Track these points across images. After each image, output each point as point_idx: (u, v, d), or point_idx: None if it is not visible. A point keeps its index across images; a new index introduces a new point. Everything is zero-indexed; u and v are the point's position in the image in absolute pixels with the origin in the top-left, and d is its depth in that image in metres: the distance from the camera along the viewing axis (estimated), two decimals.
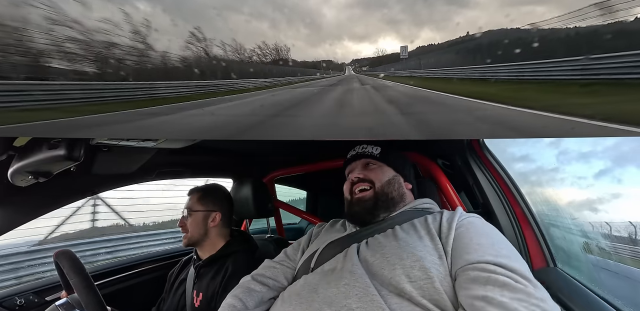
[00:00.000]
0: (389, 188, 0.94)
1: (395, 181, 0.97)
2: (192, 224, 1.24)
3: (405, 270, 0.68)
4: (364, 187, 0.95)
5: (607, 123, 0.98)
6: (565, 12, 1.43)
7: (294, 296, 0.76)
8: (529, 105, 1.42)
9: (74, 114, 1.60)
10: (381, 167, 0.99)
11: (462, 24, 1.82)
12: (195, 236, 1.24)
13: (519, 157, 1.48)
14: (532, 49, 1.57)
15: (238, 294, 0.87)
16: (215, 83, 2.32)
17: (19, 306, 1.22)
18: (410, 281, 0.66)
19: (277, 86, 2.66)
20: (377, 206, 0.91)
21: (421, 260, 0.68)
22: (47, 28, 1.51)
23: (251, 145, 1.75)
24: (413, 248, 0.73)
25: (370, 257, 0.76)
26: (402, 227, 0.84)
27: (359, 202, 0.93)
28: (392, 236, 0.80)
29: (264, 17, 1.66)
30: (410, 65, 2.36)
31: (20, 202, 1.15)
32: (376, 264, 0.73)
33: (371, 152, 1.01)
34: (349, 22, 1.78)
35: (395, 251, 0.73)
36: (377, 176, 0.95)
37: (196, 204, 1.27)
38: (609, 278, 1.07)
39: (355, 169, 1.01)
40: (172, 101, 2.10)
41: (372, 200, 0.92)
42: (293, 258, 1.00)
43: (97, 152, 1.15)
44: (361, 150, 1.03)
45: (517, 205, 1.18)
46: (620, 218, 1.37)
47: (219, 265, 1.19)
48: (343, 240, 0.89)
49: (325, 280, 0.76)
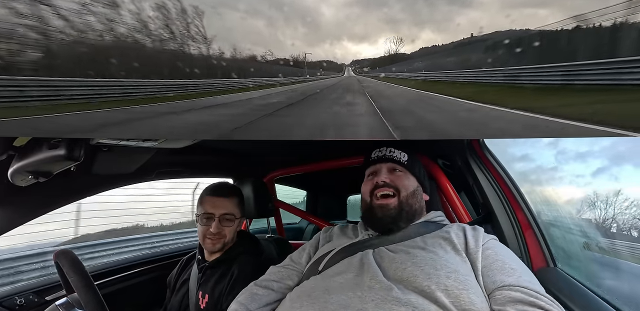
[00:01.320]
0: (413, 199, 0.93)
1: (418, 192, 0.96)
2: (232, 230, 1.18)
3: (440, 279, 0.69)
4: (388, 192, 0.92)
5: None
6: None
7: (304, 297, 0.75)
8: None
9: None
10: (406, 174, 0.97)
11: (464, 25, 1.81)
12: (229, 242, 1.19)
13: (518, 155, 1.48)
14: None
15: (241, 300, 0.87)
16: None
17: (19, 306, 1.22)
18: (447, 290, 0.67)
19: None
20: (401, 216, 0.90)
21: (456, 272, 0.71)
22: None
23: (251, 145, 1.75)
24: (446, 260, 0.75)
25: (399, 264, 0.76)
26: (424, 239, 0.84)
27: (382, 209, 0.90)
28: (419, 248, 0.81)
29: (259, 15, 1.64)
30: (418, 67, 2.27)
31: (20, 202, 1.15)
32: (408, 271, 0.73)
33: (399, 157, 0.98)
34: (347, 21, 1.75)
35: (428, 262, 0.74)
36: (404, 184, 0.93)
37: (237, 210, 1.21)
38: (609, 276, 1.08)
39: (380, 172, 0.96)
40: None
41: (396, 209, 0.90)
42: (298, 262, 0.99)
43: (97, 152, 1.15)
44: (389, 153, 0.99)
45: (517, 205, 1.18)
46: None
47: (225, 267, 1.17)
48: (355, 246, 0.88)
49: (337, 283, 0.75)
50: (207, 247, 1.19)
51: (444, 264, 0.73)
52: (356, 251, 0.85)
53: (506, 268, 0.74)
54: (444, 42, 1.82)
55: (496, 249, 0.80)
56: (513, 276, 0.71)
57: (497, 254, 0.78)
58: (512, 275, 0.72)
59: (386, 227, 0.90)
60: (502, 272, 0.73)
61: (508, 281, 0.70)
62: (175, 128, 1.56)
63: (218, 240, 1.16)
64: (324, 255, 0.90)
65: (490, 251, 0.79)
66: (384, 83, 2.17)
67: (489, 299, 0.69)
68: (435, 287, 0.68)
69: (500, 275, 0.72)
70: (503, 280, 0.71)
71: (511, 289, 0.68)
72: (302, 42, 1.73)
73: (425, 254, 0.77)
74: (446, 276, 0.70)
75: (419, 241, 0.84)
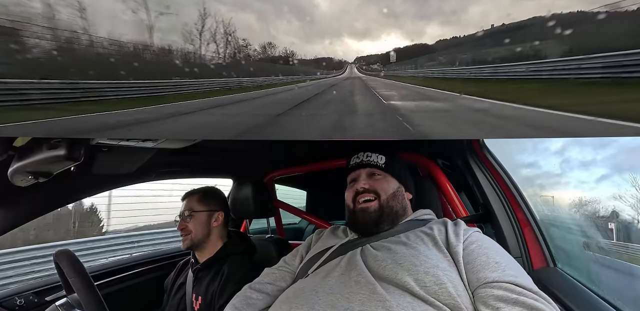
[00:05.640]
0: (393, 201, 0.95)
1: (399, 193, 0.98)
2: (196, 225, 1.23)
3: (419, 275, 0.70)
4: (369, 197, 0.94)
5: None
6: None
7: (293, 298, 0.76)
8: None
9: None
10: (386, 177, 0.99)
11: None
12: (199, 237, 1.22)
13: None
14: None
15: (236, 304, 0.88)
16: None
17: (19, 306, 1.22)
18: (425, 286, 0.69)
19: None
20: (382, 219, 0.92)
21: (434, 268, 0.72)
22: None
23: (251, 145, 1.75)
24: (425, 256, 0.76)
25: (381, 262, 0.77)
26: (407, 235, 0.86)
27: (363, 212, 0.93)
28: (401, 244, 0.82)
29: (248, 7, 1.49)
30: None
31: (20, 202, 1.15)
32: (388, 269, 0.74)
33: (376, 161, 1.00)
34: (345, 14, 1.53)
35: (408, 258, 0.75)
36: (383, 187, 0.95)
37: (198, 205, 1.26)
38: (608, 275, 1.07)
39: (359, 178, 0.99)
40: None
41: (376, 212, 0.92)
42: (291, 264, 1.01)
43: (97, 152, 1.15)
44: (366, 158, 1.02)
45: (517, 205, 1.18)
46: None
47: (217, 268, 1.19)
48: (344, 246, 0.90)
49: (325, 284, 0.76)
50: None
51: (424, 259, 0.74)
52: (346, 251, 0.87)
53: (490, 262, 0.73)
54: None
55: (480, 243, 0.79)
56: (497, 271, 0.71)
57: (481, 247, 0.77)
58: (496, 269, 0.71)
59: (368, 230, 0.92)
60: (485, 267, 0.72)
61: (491, 277, 0.70)
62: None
63: (186, 236, 1.22)
64: (315, 256, 0.92)
65: (474, 246, 0.78)
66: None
67: (473, 297, 0.69)
68: (415, 283, 0.69)
69: (484, 270, 0.72)
70: (486, 276, 0.70)
71: (493, 286, 0.68)
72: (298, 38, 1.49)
73: (406, 250, 0.79)
74: (424, 272, 0.71)
75: (402, 237, 0.85)
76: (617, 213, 1.36)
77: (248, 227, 1.87)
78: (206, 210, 1.26)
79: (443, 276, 0.70)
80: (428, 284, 0.69)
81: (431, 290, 0.68)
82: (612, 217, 1.36)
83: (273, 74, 1.80)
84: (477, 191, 1.28)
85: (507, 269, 0.71)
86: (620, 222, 1.35)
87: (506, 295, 0.65)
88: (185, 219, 1.24)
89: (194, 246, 1.23)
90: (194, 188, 1.35)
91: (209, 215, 1.26)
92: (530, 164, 1.51)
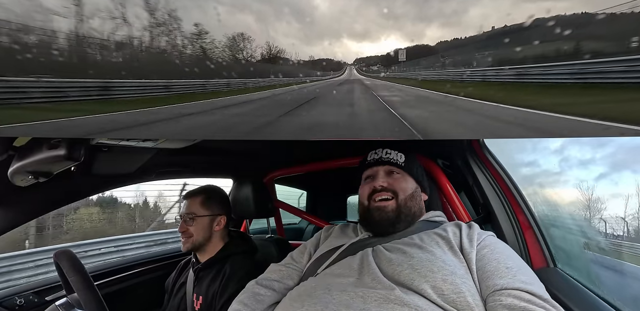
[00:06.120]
0: (411, 202, 0.92)
1: (417, 194, 0.95)
2: (197, 229, 1.20)
3: (437, 282, 0.69)
4: (386, 196, 0.91)
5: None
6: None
7: (305, 297, 0.74)
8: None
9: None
10: (404, 176, 0.96)
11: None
12: (200, 241, 1.20)
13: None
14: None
15: (243, 299, 0.86)
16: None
17: (19, 306, 1.22)
18: (443, 294, 0.67)
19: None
20: (399, 219, 0.89)
21: (452, 275, 0.70)
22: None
23: (251, 145, 1.75)
24: (442, 261, 0.74)
25: (396, 267, 0.75)
26: (421, 237, 0.83)
27: (379, 211, 0.89)
28: (416, 247, 0.79)
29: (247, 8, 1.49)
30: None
31: (20, 202, 1.15)
32: (404, 274, 0.72)
33: (396, 159, 0.97)
34: (344, 15, 1.49)
35: (424, 264, 0.73)
36: (402, 187, 0.92)
37: (200, 208, 1.23)
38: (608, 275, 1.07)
39: (377, 175, 0.95)
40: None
41: (394, 211, 0.89)
42: (299, 261, 0.98)
43: (97, 152, 1.15)
44: (385, 155, 0.98)
45: (517, 205, 1.18)
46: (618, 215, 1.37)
47: (218, 267, 1.18)
48: (355, 245, 0.88)
49: (339, 283, 0.75)
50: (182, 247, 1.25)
51: (441, 265, 0.72)
52: (357, 251, 0.85)
53: (500, 268, 0.72)
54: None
55: (492, 247, 0.78)
56: (506, 276, 0.69)
57: (493, 252, 0.76)
58: (506, 275, 0.70)
59: (384, 230, 0.89)
60: (496, 274, 0.71)
61: (500, 284, 0.68)
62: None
63: (187, 239, 1.20)
64: (324, 255, 0.90)
65: (486, 250, 0.77)
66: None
67: (485, 304, 0.68)
68: (432, 291, 0.67)
69: (494, 277, 0.70)
70: (496, 283, 0.69)
71: (502, 294, 0.66)
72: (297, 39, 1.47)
73: (422, 254, 0.76)
74: (442, 280, 0.69)
75: (416, 239, 0.83)
76: (617, 213, 1.36)
77: (248, 226, 1.86)
78: (209, 214, 1.24)
79: (461, 284, 0.68)
80: (446, 292, 0.67)
81: (449, 299, 0.66)
82: (612, 217, 1.36)
83: (272, 75, 1.82)
84: (477, 191, 1.27)
85: (518, 274, 0.70)
86: (620, 222, 1.35)
87: (514, 303, 0.64)
88: (187, 222, 1.22)
89: (194, 249, 1.22)
90: (196, 189, 1.32)
91: (212, 220, 1.24)
92: (530, 163, 1.51)
